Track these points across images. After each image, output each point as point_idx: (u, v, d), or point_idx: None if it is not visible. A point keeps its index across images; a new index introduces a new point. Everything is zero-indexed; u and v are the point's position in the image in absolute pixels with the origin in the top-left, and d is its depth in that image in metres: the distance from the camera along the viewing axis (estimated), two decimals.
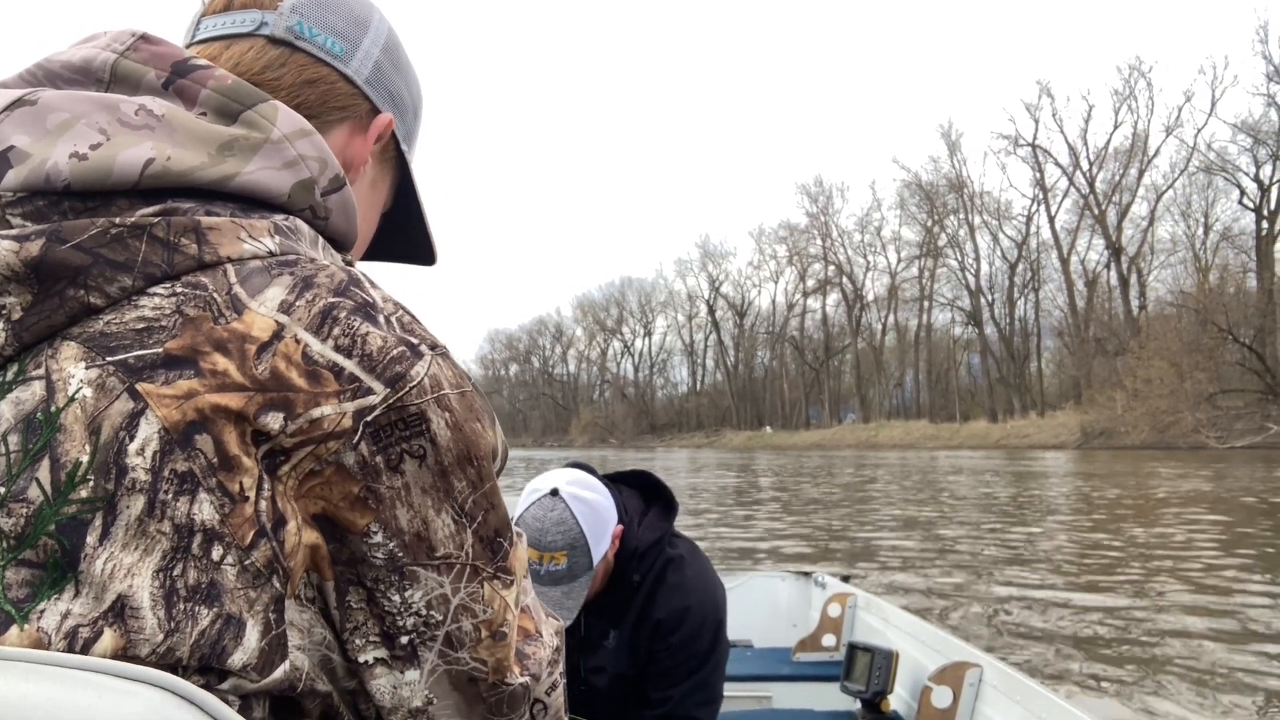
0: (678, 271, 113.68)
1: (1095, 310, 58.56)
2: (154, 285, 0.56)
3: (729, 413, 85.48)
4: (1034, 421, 54.71)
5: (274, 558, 0.55)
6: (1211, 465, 26.28)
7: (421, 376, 0.59)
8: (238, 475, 0.54)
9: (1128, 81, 57.92)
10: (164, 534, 0.52)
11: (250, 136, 0.63)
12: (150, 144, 0.59)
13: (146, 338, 0.54)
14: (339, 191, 0.68)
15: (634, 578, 2.09)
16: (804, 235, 78.85)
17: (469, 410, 0.61)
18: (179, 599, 0.52)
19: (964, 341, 70.72)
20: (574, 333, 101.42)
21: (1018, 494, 17.94)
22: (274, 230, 0.61)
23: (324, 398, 0.56)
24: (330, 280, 0.60)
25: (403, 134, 0.80)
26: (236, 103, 0.64)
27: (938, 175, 68.23)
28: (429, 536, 0.59)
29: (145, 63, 0.64)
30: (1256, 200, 49.25)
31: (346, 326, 0.58)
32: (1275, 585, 7.67)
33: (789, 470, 30.00)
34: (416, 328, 0.62)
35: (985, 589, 7.77)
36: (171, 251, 0.56)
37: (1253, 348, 42.55)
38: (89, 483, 0.52)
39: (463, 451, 0.60)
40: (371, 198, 0.80)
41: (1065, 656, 5.58)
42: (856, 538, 11.56)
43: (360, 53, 0.75)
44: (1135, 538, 10.88)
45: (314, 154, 0.66)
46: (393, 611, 0.60)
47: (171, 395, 0.53)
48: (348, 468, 0.57)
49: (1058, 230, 60.49)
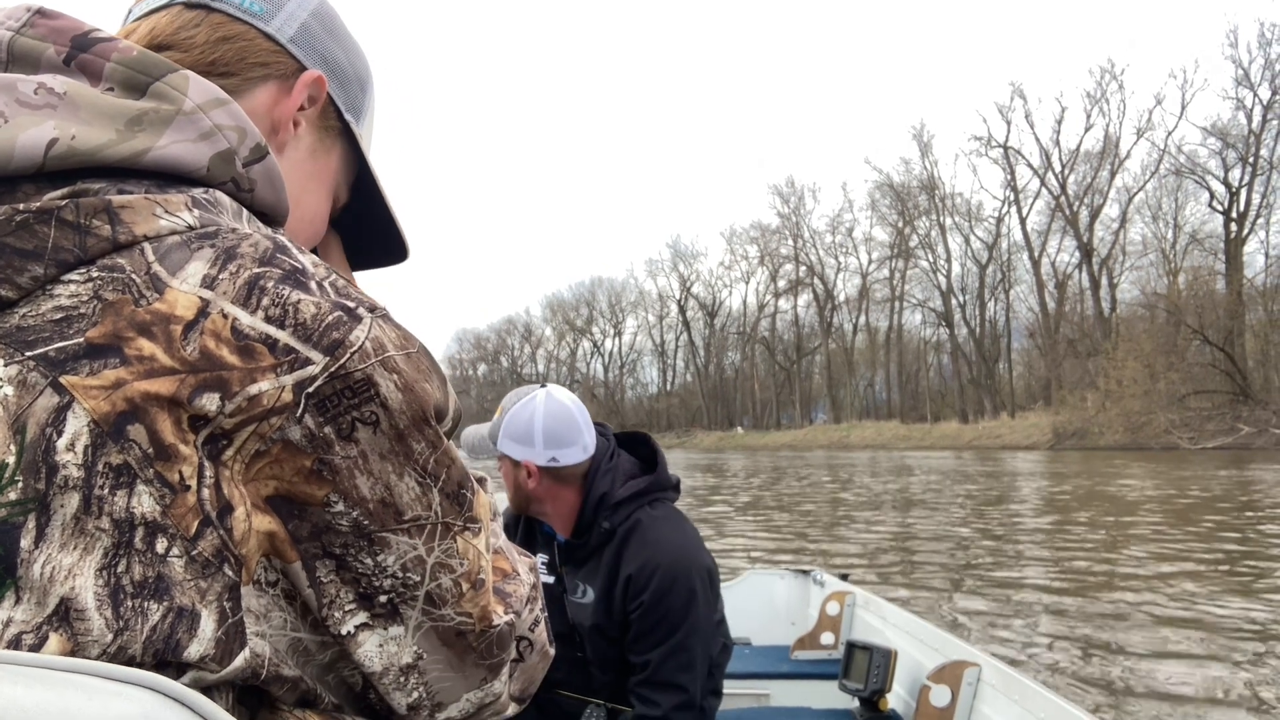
0: (648, 271, 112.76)
1: (1066, 311, 58.79)
2: (68, 272, 0.53)
3: (700, 413, 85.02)
4: (1005, 422, 54.71)
5: (223, 545, 0.53)
6: (1188, 465, 26.36)
7: (362, 340, 0.56)
8: (176, 464, 0.51)
9: (1100, 84, 58.32)
10: (103, 530, 0.50)
11: (161, 109, 0.60)
12: (53, 123, 0.56)
13: (66, 328, 0.52)
14: (261, 161, 0.65)
15: (603, 524, 2.08)
16: (775, 236, 78.64)
17: (417, 370, 0.59)
18: (126, 596, 0.50)
19: (935, 342, 70.99)
20: (543, 333, 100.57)
21: (1004, 494, 17.81)
22: (191, 204, 0.58)
23: (260, 373, 0.53)
24: (254, 249, 0.57)
25: (345, 103, 0.77)
26: (143, 74, 0.60)
27: (909, 176, 68.33)
28: (394, 501, 0.58)
29: (43, 38, 0.61)
30: (1225, 203, 49.61)
31: (276, 295, 0.55)
32: (1276, 586, 7.68)
33: (766, 469, 29.74)
34: (352, 291, 0.59)
35: (983, 589, 7.77)
36: (83, 235, 0.54)
37: (1224, 349, 42.73)
38: (17, 484, 0.49)
39: (417, 412, 0.58)
40: (313, 168, 0.76)
41: (1063, 656, 5.59)
42: (848, 538, 11.36)
43: (283, 14, 0.72)
44: (1126, 536, 10.89)
45: (231, 123, 0.63)
46: (367, 573, 0.58)
47: (98, 386, 0.51)
48: (295, 443, 0.54)
49: (1029, 232, 60.72)
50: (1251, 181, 48.44)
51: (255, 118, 0.69)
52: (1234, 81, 53.37)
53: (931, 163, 69.71)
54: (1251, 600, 7.09)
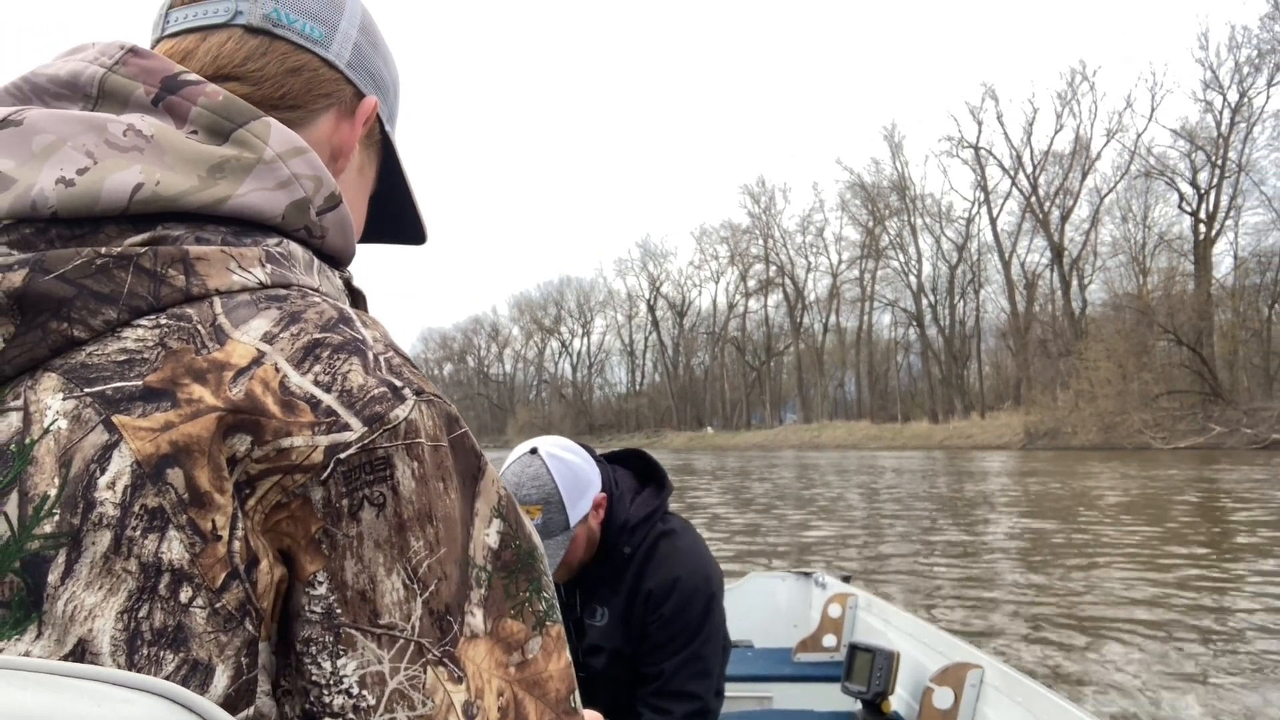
0: (618, 271, 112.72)
1: (1036, 312, 58.89)
2: (139, 317, 0.54)
3: (669, 413, 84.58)
4: (976, 422, 54.75)
5: (246, 599, 0.52)
6: (1164, 465, 26.37)
7: (399, 420, 0.55)
8: (210, 512, 0.51)
9: (1071, 85, 58.54)
10: (130, 573, 0.49)
11: (242, 157, 0.61)
12: (139, 167, 0.57)
13: (128, 370, 0.53)
14: (335, 209, 0.66)
15: (624, 550, 2.08)
16: (746, 235, 78.51)
17: (438, 467, 0.57)
18: (143, 643, 0.49)
19: (905, 343, 70.98)
20: (510, 332, 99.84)
21: (987, 494, 17.74)
22: (265, 259, 0.59)
23: (296, 428, 0.53)
24: (319, 316, 0.58)
25: (386, 115, 0.79)
26: (228, 120, 0.62)
27: (880, 177, 68.33)
28: (374, 599, 0.53)
29: (134, 78, 0.62)
30: (1194, 205, 49.88)
31: (329, 364, 0.55)
32: (1275, 586, 7.77)
33: (734, 470, 29.30)
34: (405, 370, 0.59)
35: (981, 588, 7.83)
36: (158, 284, 0.55)
37: (1196, 349, 42.87)
38: (54, 517, 0.49)
39: (424, 507, 0.55)
40: (359, 184, 0.78)
41: (1062, 656, 5.65)
42: (834, 537, 11.35)
43: (339, 35, 0.72)
44: (1112, 534, 11.02)
45: (308, 172, 0.64)
46: (320, 683, 0.53)
47: (147, 428, 0.51)
48: (313, 504, 0.53)
49: (999, 232, 60.78)
50: (1220, 183, 48.80)
51: (318, 147, 0.70)
52: (1203, 84, 53.57)
53: (903, 163, 69.74)
54: (1249, 601, 7.19)
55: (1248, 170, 48.21)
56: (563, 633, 0.61)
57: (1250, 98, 47.52)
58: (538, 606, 0.60)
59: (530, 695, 0.58)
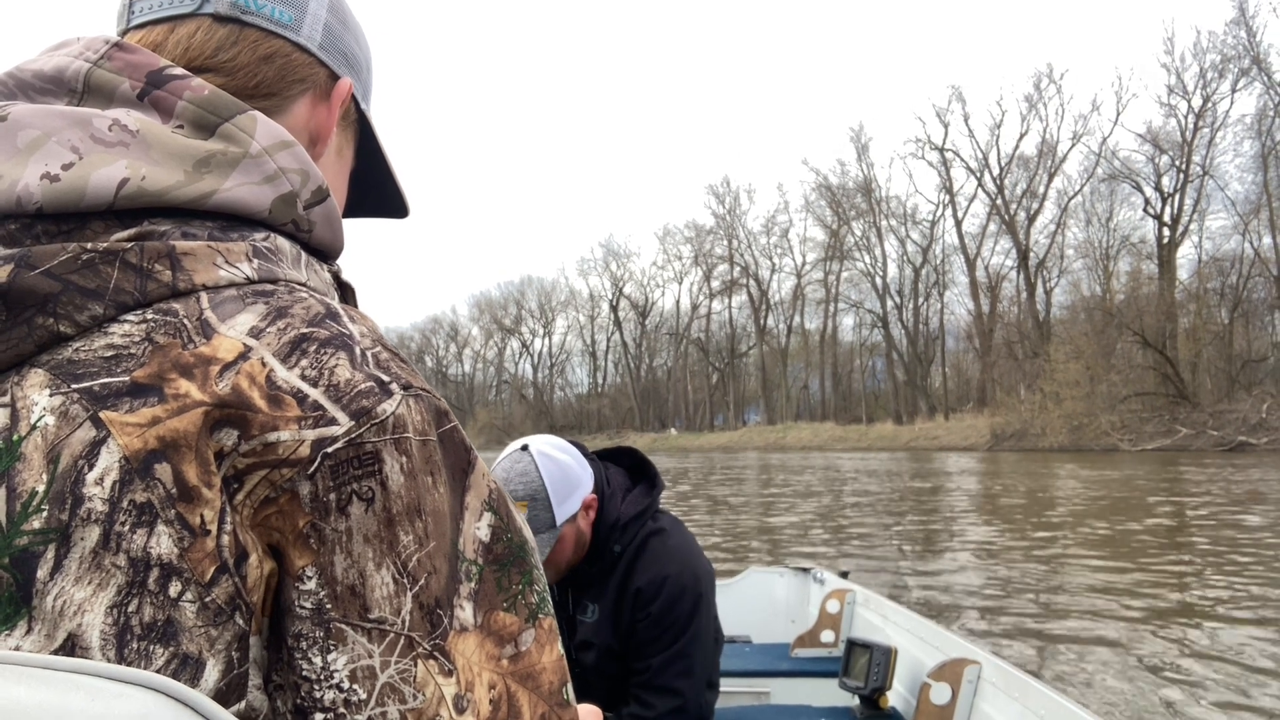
0: (580, 270, 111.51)
1: (1001, 314, 58.88)
2: (125, 313, 0.54)
3: (631, 415, 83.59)
4: (941, 424, 54.53)
5: (236, 593, 0.52)
6: (1134, 466, 26.19)
7: (387, 415, 0.55)
8: (198, 507, 0.51)
9: (1038, 88, 58.59)
10: (119, 568, 0.49)
11: (228, 151, 0.61)
12: (125, 162, 0.57)
13: (115, 366, 0.52)
14: (322, 203, 0.66)
15: (615, 548, 2.09)
16: (710, 236, 77.79)
17: (426, 461, 0.56)
18: (133, 638, 0.49)
19: (870, 344, 70.68)
20: (470, 332, 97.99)
21: (970, 493, 17.61)
22: (252, 254, 0.59)
23: (283, 422, 0.53)
24: (305, 311, 0.57)
25: (361, 93, 0.78)
26: (214, 115, 0.62)
27: (846, 178, 68.03)
28: (364, 593, 0.53)
29: (119, 72, 0.62)
30: (1158, 208, 50.06)
31: (316, 359, 0.55)
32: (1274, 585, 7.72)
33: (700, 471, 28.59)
34: (393, 365, 0.58)
35: (977, 589, 7.81)
36: (145, 279, 0.55)
37: (1163, 351, 42.83)
38: (43, 513, 0.49)
39: (413, 502, 0.55)
40: (339, 166, 0.78)
41: (1061, 655, 5.65)
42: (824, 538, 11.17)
43: (309, 18, 0.71)
44: (1096, 533, 10.97)
45: (295, 166, 0.64)
46: (311, 678, 0.53)
47: (135, 423, 0.51)
48: (301, 498, 0.53)
49: (964, 235, 60.66)
50: (1184, 187, 49.03)
51: (295, 134, 0.69)
52: (1168, 89, 53.86)
53: (868, 165, 69.53)
54: (1247, 599, 7.13)
55: (1211, 174, 48.46)
56: (555, 625, 0.61)
57: (1215, 103, 47.83)
58: (530, 599, 0.59)
59: (524, 687, 0.58)
